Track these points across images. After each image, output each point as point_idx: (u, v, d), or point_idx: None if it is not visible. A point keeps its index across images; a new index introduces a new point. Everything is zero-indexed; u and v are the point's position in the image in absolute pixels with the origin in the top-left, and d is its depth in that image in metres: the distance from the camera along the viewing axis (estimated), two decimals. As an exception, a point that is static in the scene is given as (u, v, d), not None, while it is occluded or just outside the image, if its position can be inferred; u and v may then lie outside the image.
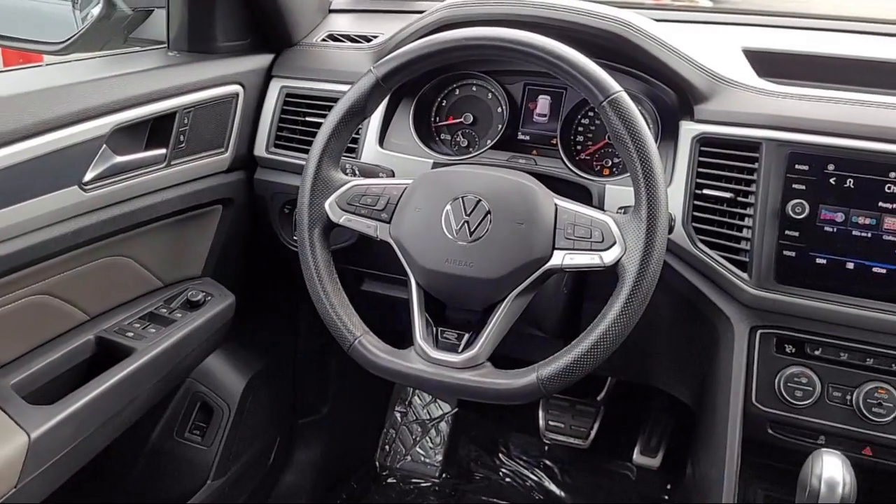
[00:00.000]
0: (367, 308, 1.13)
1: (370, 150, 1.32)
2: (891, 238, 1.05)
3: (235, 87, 1.37)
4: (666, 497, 1.91)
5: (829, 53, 1.28)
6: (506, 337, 1.02)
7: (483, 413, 2.10)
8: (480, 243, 1.00)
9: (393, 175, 1.23)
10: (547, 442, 2.00)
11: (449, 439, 2.08)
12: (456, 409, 2.11)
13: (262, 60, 1.44)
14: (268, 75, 1.44)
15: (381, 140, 1.33)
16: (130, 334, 1.24)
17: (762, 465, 1.28)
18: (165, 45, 1.41)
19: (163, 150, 1.24)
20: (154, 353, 1.21)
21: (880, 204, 1.05)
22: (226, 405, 1.57)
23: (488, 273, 1.00)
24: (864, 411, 1.07)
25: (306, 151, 1.10)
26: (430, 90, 1.38)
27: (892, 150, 1.04)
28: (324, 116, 1.10)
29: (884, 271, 1.05)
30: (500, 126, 1.34)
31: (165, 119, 1.23)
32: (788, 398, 1.11)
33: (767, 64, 1.22)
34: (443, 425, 2.10)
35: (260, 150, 1.43)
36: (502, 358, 1.02)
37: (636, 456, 1.93)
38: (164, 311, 1.32)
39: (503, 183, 1.04)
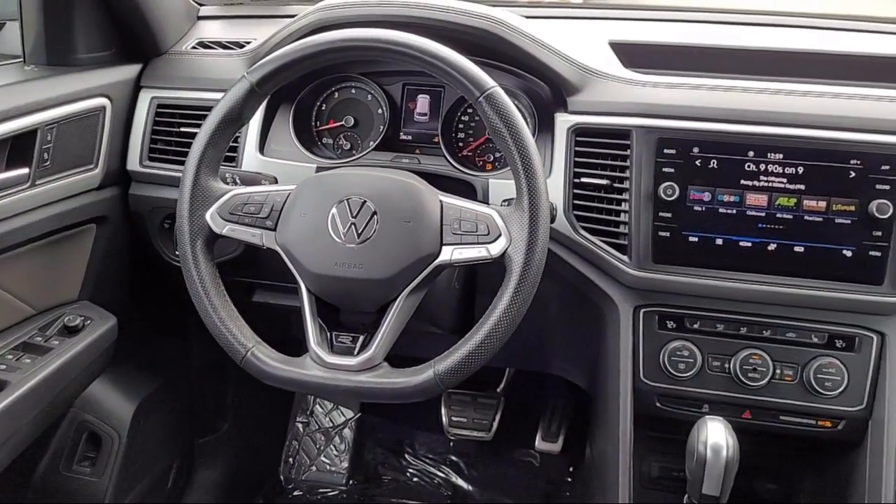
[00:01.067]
0: (259, 319, 1.10)
1: (250, 158, 1.29)
2: (753, 213, 1.12)
3: (102, 101, 1.31)
4: (569, 479, 1.96)
5: (689, 43, 1.35)
6: (402, 336, 1.03)
7: (386, 415, 2.10)
8: (369, 244, 1.00)
9: (276, 182, 1.21)
10: (451, 437, 2.02)
11: (354, 445, 2.07)
12: (359, 414, 2.10)
13: (130, 71, 1.39)
14: (136, 86, 1.39)
15: (262, 147, 1.30)
16: (3, 367, 1.16)
17: (654, 439, 1.34)
18: (21, 59, 1.33)
19: (25, 170, 1.17)
20: (31, 385, 1.14)
21: (742, 182, 1.12)
22: (115, 432, 1.50)
23: (379, 273, 1.00)
24: (741, 377, 1.14)
25: (182, 163, 1.06)
26: (309, 94, 1.36)
27: (748, 132, 1.11)
28: (198, 126, 1.06)
29: (749, 245, 1.12)
30: (381, 127, 1.35)
31: (26, 137, 1.16)
32: (673, 371, 1.16)
33: (632, 55, 1.27)
34: (347, 432, 2.08)
35: (133, 164, 1.37)
36: (401, 358, 1.03)
37: (538, 443, 1.98)
38: (39, 339, 1.24)
39: (388, 183, 1.04)
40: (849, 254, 1.10)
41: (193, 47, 1.46)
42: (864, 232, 1.09)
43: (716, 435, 0.93)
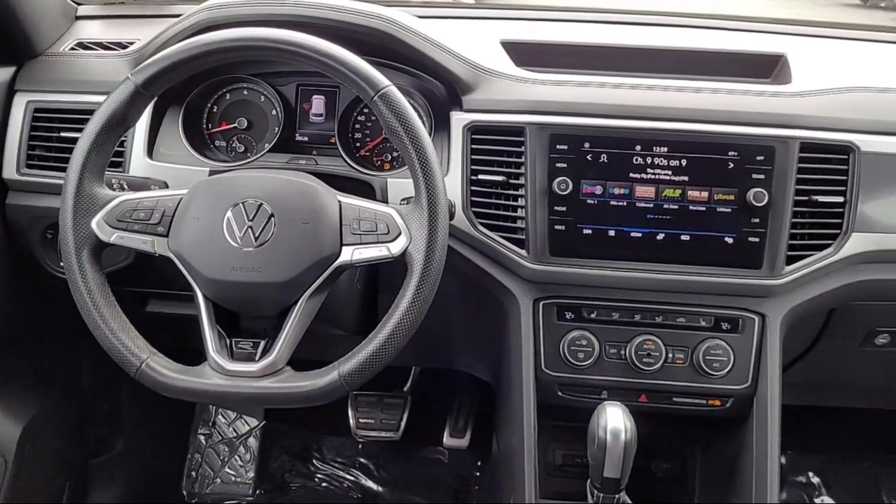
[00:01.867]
0: (155, 330, 1.07)
1: (138, 163, 1.24)
2: (642, 205, 1.16)
3: (-30, 106, 1.23)
4: (477, 473, 1.99)
5: (578, 42, 1.39)
6: (305, 339, 1.01)
7: (292, 421, 2.06)
8: (267, 247, 0.98)
9: (166, 186, 1.17)
10: (360, 440, 2.01)
11: (259, 454, 2.02)
12: (264, 422, 2.06)
13: (2, 74, 1.31)
14: (10, 90, 1.31)
15: (150, 151, 1.26)
16: None
17: (557, 427, 1.37)
18: None
19: None
20: None
21: (631, 175, 1.16)
22: (0, 457, 1.41)
23: (278, 276, 0.98)
24: (637, 363, 1.19)
25: (64, 170, 1.01)
26: (199, 96, 1.32)
27: (635, 126, 1.16)
28: (80, 131, 1.01)
29: (640, 235, 1.17)
30: (276, 129, 1.33)
31: None
32: (573, 361, 1.20)
33: (523, 54, 1.30)
34: (251, 441, 2.04)
35: (10, 172, 1.30)
36: (305, 362, 1.02)
37: (446, 439, 2.00)
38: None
39: (284, 185, 1.03)
40: (730, 241, 1.16)
41: (72, 48, 1.39)
42: (744, 219, 1.15)
43: (614, 419, 0.97)
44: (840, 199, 1.17)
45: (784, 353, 1.22)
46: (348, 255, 0.99)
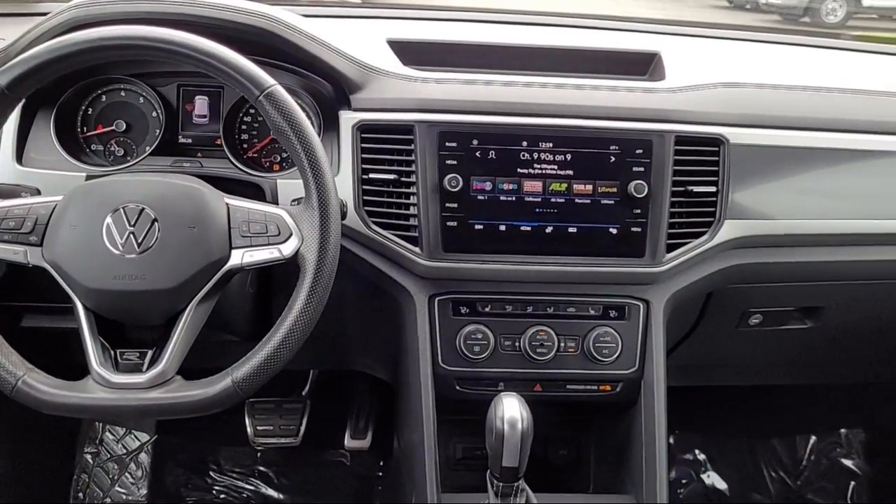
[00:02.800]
0: (33, 346, 1.01)
1: (6, 169, 1.17)
2: (531, 199, 1.19)
3: None
4: (380, 474, 1.99)
5: (464, 41, 1.41)
6: (197, 347, 0.98)
7: (186, 433, 2.00)
8: (151, 253, 0.95)
9: (38, 193, 1.11)
10: (258, 448, 1.96)
11: (152, 470, 1.95)
12: (156, 436, 1.98)
13: None
14: None
15: (19, 156, 1.19)
16: None
17: (456, 422, 1.39)
18: None
19: None
20: None
21: (519, 170, 1.19)
22: None
23: (164, 283, 0.95)
24: (531, 353, 1.22)
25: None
26: (72, 98, 1.26)
27: (520, 123, 1.19)
28: (-62, 135, 0.95)
29: (529, 229, 1.20)
30: (157, 131, 1.28)
31: None
32: (469, 354, 1.21)
33: (410, 53, 1.31)
34: (143, 456, 1.96)
35: None
36: (198, 371, 0.98)
37: (347, 441, 1.98)
38: None
39: (167, 188, 0.99)
40: (614, 231, 1.21)
41: (-73, 48, 1.29)
42: (626, 211, 1.20)
43: (511, 410, 0.98)
44: (713, 188, 1.23)
45: (668, 337, 1.28)
46: (238, 258, 0.97)
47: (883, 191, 1.31)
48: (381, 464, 2.00)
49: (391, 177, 1.19)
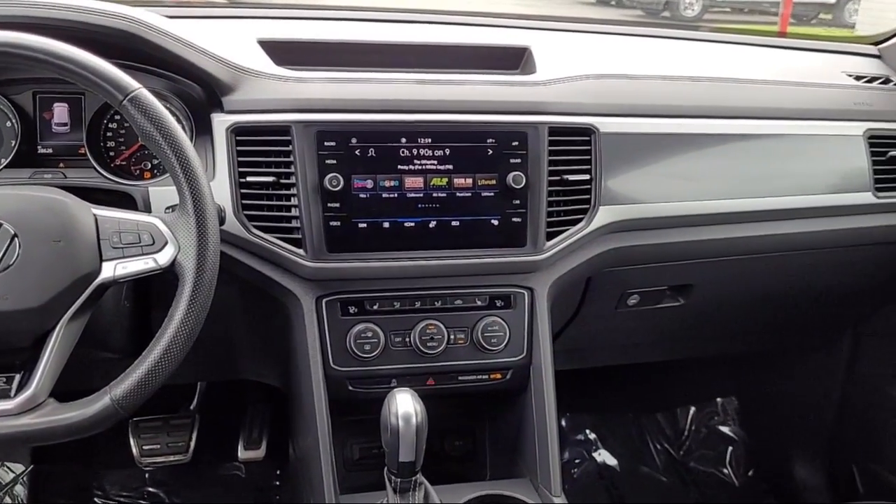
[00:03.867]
0: None
1: None
2: (413, 195, 1.20)
3: None
4: (277, 483, 1.95)
5: (337, 40, 1.40)
6: (73, 367, 0.93)
7: (66, 459, 1.89)
8: (13, 271, 0.89)
9: None
10: (146, 468, 1.88)
11: (30, 502, 1.82)
12: (32, 465, 1.86)
13: None
14: None
15: None
16: None
17: (352, 422, 1.38)
18: None
19: None
20: None
21: (399, 167, 1.19)
22: None
23: (29, 302, 0.89)
24: (421, 347, 1.23)
25: None
26: None
27: (398, 119, 1.19)
28: None
29: (413, 224, 1.20)
30: (13, 142, 1.20)
31: None
32: (360, 354, 1.21)
33: (282, 53, 1.29)
34: (19, 489, 1.83)
35: None
36: (76, 393, 0.93)
37: (241, 452, 1.93)
38: None
39: (27, 201, 0.93)
40: (496, 223, 1.23)
41: None
42: (506, 202, 1.23)
43: (404, 405, 0.99)
44: (587, 176, 1.28)
45: (553, 322, 1.32)
46: (110, 271, 0.92)
47: (740, 172, 1.40)
48: (278, 472, 1.96)
49: (270, 179, 1.17)
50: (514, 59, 1.42)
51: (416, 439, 0.98)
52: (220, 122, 1.17)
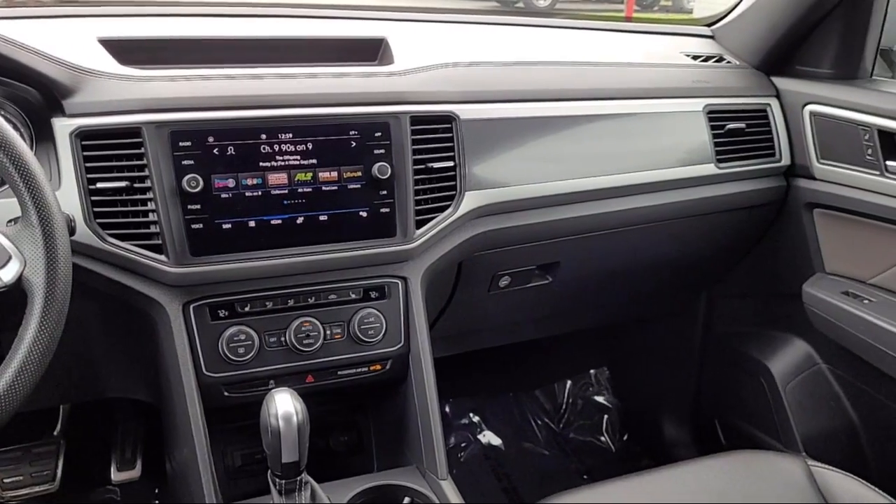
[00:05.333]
0: None
1: None
2: (277, 192, 1.17)
3: None
4: (156, 502, 1.87)
5: (185, 36, 1.34)
6: None
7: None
8: None
9: None
10: (10, 502, 1.75)
11: None
12: None
13: None
14: None
15: None
16: None
17: (232, 429, 1.35)
18: None
19: None
20: None
21: (262, 164, 1.16)
22: None
23: None
24: (298, 345, 1.21)
25: None
26: None
27: (256, 116, 1.16)
28: None
29: (279, 222, 1.18)
30: None
31: None
32: (234, 358, 1.18)
33: (127, 52, 1.22)
34: None
35: None
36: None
37: (114, 474, 1.83)
38: None
39: None
40: (364, 214, 1.23)
41: None
42: (373, 193, 1.23)
43: (284, 405, 0.97)
44: (451, 163, 1.30)
45: (428, 309, 1.34)
46: None
47: (595, 151, 1.47)
48: (157, 491, 1.87)
49: (123, 184, 1.11)
50: (372, 51, 1.41)
51: (299, 438, 0.97)
52: (63, 127, 1.10)
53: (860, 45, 1.62)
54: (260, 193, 1.16)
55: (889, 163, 1.46)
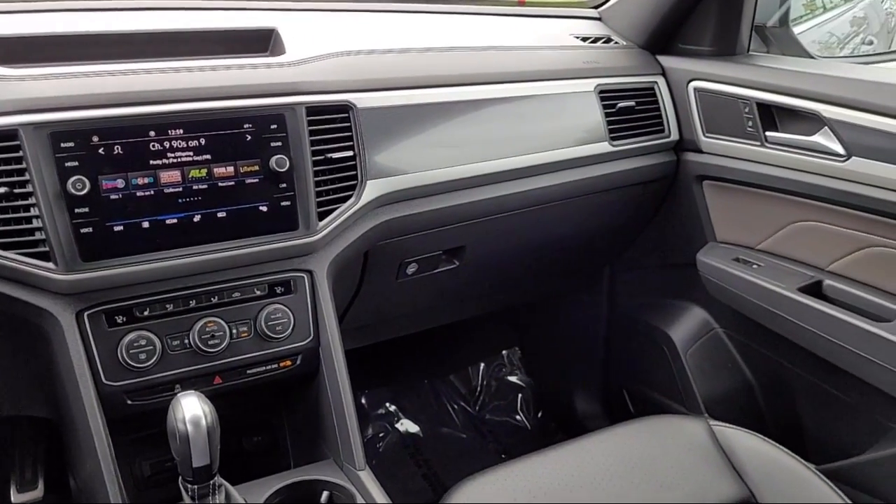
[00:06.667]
0: None
1: None
2: (171, 190, 1.13)
3: None
4: (63, 520, 1.78)
5: (66, 32, 1.27)
6: None
7: None
8: None
9: None
10: None
11: None
12: None
13: None
14: None
15: None
16: None
17: (139, 439, 1.30)
18: None
19: None
20: None
21: (152, 162, 1.12)
22: None
23: None
24: (203, 347, 1.18)
25: None
26: None
27: (143, 112, 1.12)
28: None
29: (175, 221, 1.14)
30: None
31: None
32: (135, 364, 1.13)
33: (1, 50, 1.15)
34: None
35: None
36: None
37: (15, 497, 1.73)
38: None
39: None
40: (265, 209, 1.20)
41: None
42: (272, 187, 1.20)
43: (191, 408, 0.94)
44: (351, 153, 1.29)
45: (337, 301, 1.33)
46: None
47: (494, 134, 1.48)
48: (61, 510, 1.79)
49: (2, 190, 1.05)
50: (262, 42, 1.38)
51: (209, 441, 0.95)
52: (-70, 132, 1.03)
53: (736, 23, 1.69)
54: (152, 193, 1.12)
55: (769, 133, 1.54)
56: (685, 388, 1.88)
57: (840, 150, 1.40)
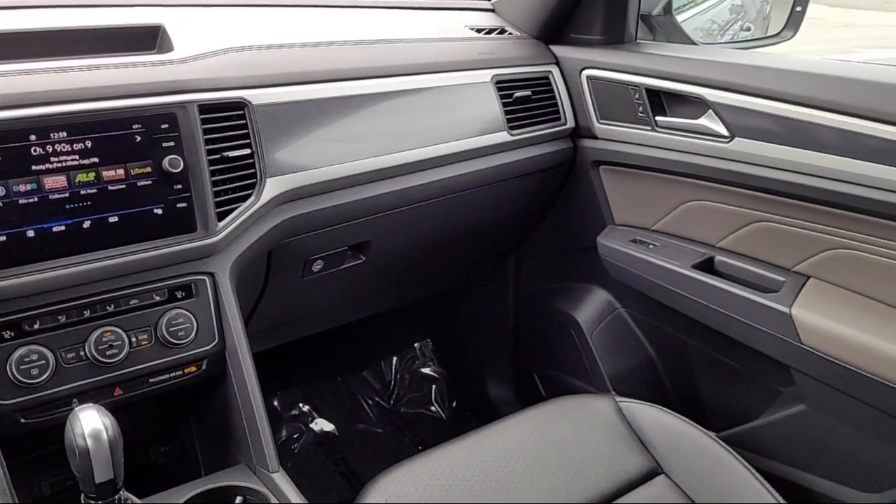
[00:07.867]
0: None
1: None
2: (57, 196, 1.08)
3: None
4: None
5: None
6: None
7: None
8: None
9: None
10: None
11: None
12: None
13: None
14: None
15: None
16: None
17: (37, 459, 1.24)
18: None
19: None
20: None
21: (34, 167, 1.06)
22: None
23: None
24: (100, 358, 1.13)
25: None
26: None
27: (20, 116, 1.05)
28: None
29: (63, 228, 1.09)
30: None
31: None
32: (27, 381, 1.08)
33: None
34: None
35: None
36: None
37: None
38: None
39: None
40: (160, 211, 1.16)
41: None
42: (167, 188, 1.17)
43: (90, 422, 0.90)
44: (248, 150, 1.26)
45: (242, 303, 1.30)
46: None
47: (394, 127, 1.48)
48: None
49: None
50: (149, 40, 1.33)
51: (112, 455, 0.91)
52: None
53: (623, 12, 1.75)
54: (36, 200, 1.07)
55: (658, 118, 1.61)
56: (592, 368, 1.94)
57: (724, 131, 1.48)
